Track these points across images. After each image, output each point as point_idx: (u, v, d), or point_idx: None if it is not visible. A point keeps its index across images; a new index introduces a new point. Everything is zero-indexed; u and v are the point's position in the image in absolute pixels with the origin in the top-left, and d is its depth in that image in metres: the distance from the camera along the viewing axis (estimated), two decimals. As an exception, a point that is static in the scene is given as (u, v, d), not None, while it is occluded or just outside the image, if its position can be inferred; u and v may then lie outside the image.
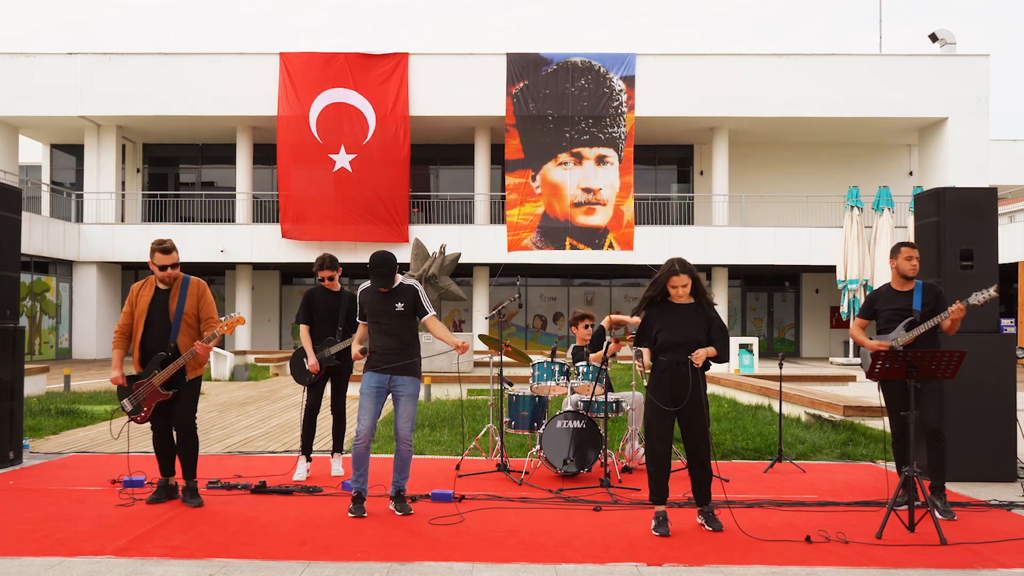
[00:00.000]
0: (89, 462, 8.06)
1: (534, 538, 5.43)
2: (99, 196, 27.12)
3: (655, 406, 5.62)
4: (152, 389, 6.20)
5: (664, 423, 5.61)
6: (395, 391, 6.07)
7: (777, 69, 25.69)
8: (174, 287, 6.31)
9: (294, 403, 13.12)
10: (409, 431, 6.06)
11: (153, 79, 25.75)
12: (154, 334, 6.22)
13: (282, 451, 8.84)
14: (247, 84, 25.66)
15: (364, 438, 5.98)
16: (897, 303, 6.39)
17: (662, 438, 5.61)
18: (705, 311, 5.68)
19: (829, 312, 30.04)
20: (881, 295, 6.53)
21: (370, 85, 25.31)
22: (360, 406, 6.02)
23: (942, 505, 6.04)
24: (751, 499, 6.48)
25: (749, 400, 12.70)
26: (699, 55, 26.11)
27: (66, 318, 26.34)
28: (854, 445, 8.95)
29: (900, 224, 25.34)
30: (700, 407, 5.59)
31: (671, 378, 5.59)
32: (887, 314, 6.43)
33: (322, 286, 7.43)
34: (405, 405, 6.06)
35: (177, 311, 6.24)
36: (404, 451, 6.09)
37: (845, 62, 25.81)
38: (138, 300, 6.29)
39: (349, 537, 5.44)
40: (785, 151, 29.64)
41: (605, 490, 6.70)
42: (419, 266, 16.77)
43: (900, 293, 6.42)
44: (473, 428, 9.89)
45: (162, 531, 5.54)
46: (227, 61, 25.97)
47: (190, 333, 6.27)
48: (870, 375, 5.91)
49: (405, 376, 6.06)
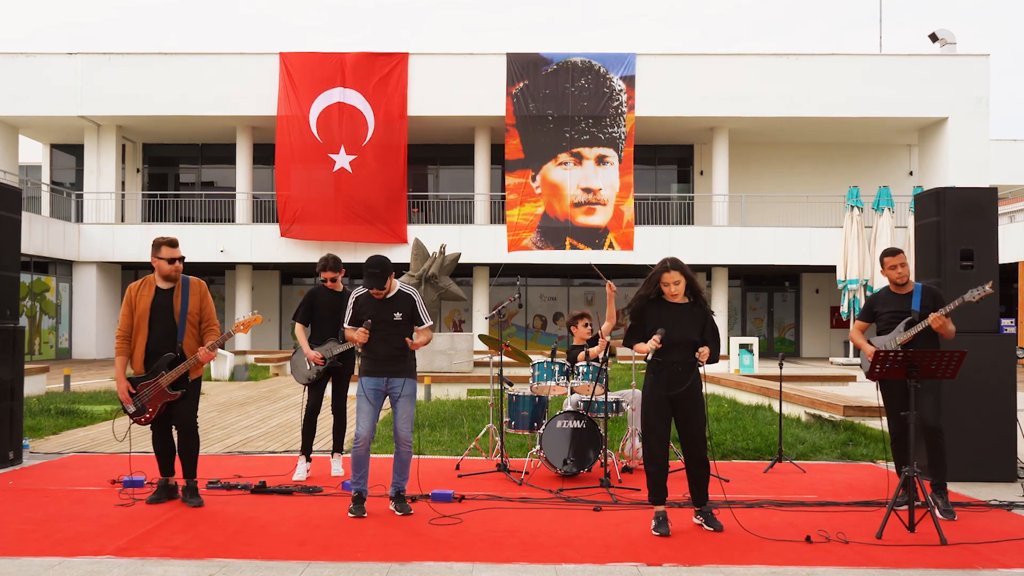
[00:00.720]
0: (89, 462, 8.06)
1: (534, 538, 5.43)
2: (99, 196, 27.13)
3: (652, 406, 5.61)
4: (159, 389, 6.16)
5: (662, 422, 5.61)
6: (392, 393, 6.07)
7: (777, 69, 25.69)
8: (176, 287, 6.26)
9: (294, 403, 13.12)
10: (409, 432, 6.07)
11: (153, 79, 25.75)
12: (158, 335, 6.16)
13: (282, 451, 8.85)
14: (247, 84, 25.66)
15: (364, 441, 5.99)
16: (896, 305, 6.42)
17: (660, 438, 5.61)
18: (702, 309, 5.68)
19: (829, 312, 30.05)
20: (880, 298, 6.55)
21: (370, 85, 25.30)
22: (358, 409, 6.03)
23: (943, 504, 6.04)
24: (751, 499, 6.48)
25: (749, 400, 12.70)
26: (699, 55, 26.12)
27: (66, 318, 26.35)
28: (854, 445, 8.95)
29: (900, 224, 25.34)
30: (697, 403, 5.60)
31: (668, 378, 5.59)
32: (886, 316, 6.45)
33: (325, 286, 7.43)
34: (404, 406, 6.06)
35: (182, 311, 6.20)
36: (404, 452, 6.10)
37: (845, 62, 25.81)
38: (138, 301, 6.20)
39: (349, 537, 5.44)
40: (785, 151, 29.64)
41: (605, 490, 6.70)
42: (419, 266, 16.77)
43: (899, 296, 6.44)
44: (473, 428, 9.89)
45: (162, 531, 5.54)
46: (227, 61, 25.97)
47: (193, 333, 6.24)
48: (870, 375, 5.92)
49: (402, 378, 6.08)
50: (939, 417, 6.18)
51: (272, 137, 26.45)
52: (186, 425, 6.27)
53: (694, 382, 5.58)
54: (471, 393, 14.04)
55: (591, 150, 25.27)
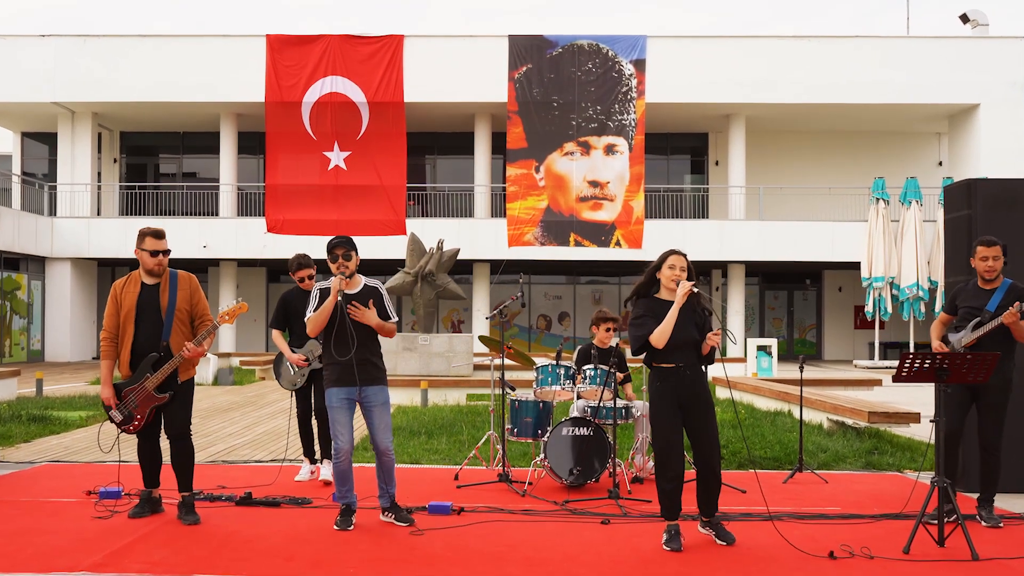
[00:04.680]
0: (63, 472, 8.07)
1: (538, 553, 5.43)
2: (73, 188, 27.14)
3: (662, 415, 5.60)
4: (146, 394, 6.06)
5: (674, 432, 5.60)
6: (365, 402, 6.04)
7: (797, 52, 25.67)
8: (163, 281, 6.18)
9: (281, 409, 13.13)
10: (390, 440, 6.07)
11: (131, 63, 25.75)
12: (145, 333, 6.08)
13: (268, 460, 8.85)
14: (232, 68, 25.66)
15: (346, 454, 5.97)
16: (975, 301, 6.32)
17: (674, 448, 5.60)
18: (704, 307, 5.67)
19: (853, 312, 30.03)
20: (964, 290, 6.47)
21: (362, 70, 25.29)
22: (333, 421, 5.99)
23: (987, 515, 6.11)
24: (769, 511, 6.47)
25: (767, 406, 12.69)
26: (714, 37, 26.12)
27: (38, 318, 26.37)
28: (880, 454, 8.95)
29: (929, 218, 25.32)
30: (709, 408, 5.61)
31: (676, 382, 5.58)
32: (963, 312, 6.38)
33: (299, 288, 7.50)
34: (380, 415, 6.05)
35: (169, 307, 6.12)
36: (387, 462, 6.08)
37: (870, 45, 25.78)
38: (123, 299, 6.11)
39: (340, 552, 5.44)
40: (806, 140, 29.62)
41: (614, 502, 6.69)
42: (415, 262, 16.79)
43: (982, 291, 6.33)
44: (473, 436, 9.89)
45: (141, 545, 5.54)
46: (210, 44, 25.98)
47: (183, 330, 6.16)
48: (896, 377, 5.88)
49: (374, 386, 6.05)
50: (1000, 438, 6.19)
51: (259, 125, 26.44)
52: (179, 432, 6.17)
53: (703, 387, 5.59)
54: (471, 398, 14.04)
55: (599, 139, 25.24)
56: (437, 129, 28.85)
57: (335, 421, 5.98)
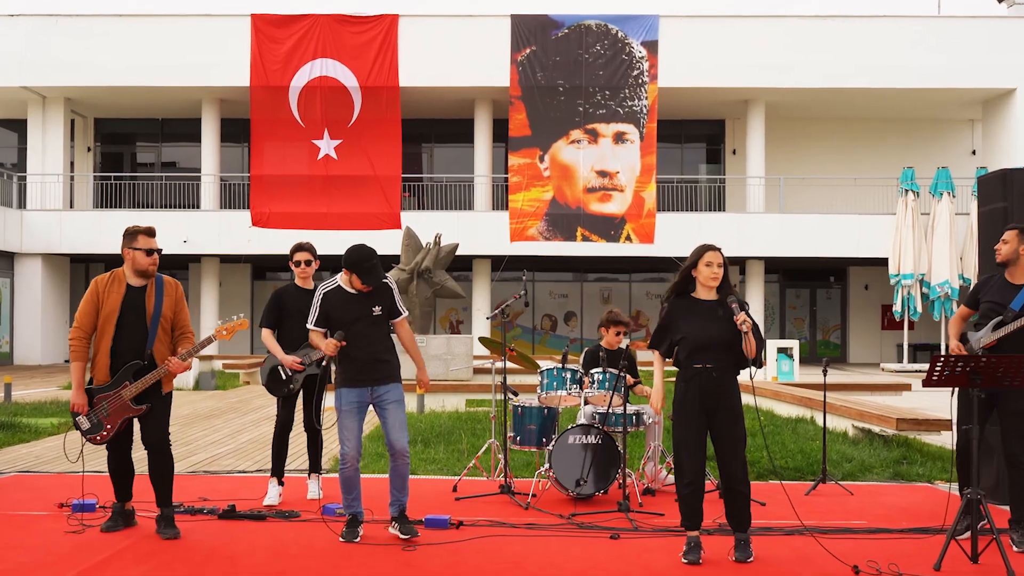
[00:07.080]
0: (34, 483, 8.08)
1: (542, 570, 5.43)
2: (44, 179, 27.16)
3: (685, 419, 5.61)
4: (121, 403, 6.01)
5: (697, 438, 5.60)
6: (379, 401, 6.09)
7: (820, 33, 25.62)
8: (150, 285, 6.15)
9: (267, 415, 13.14)
10: (406, 440, 6.10)
11: (107, 44, 25.73)
12: (127, 339, 6.03)
13: (253, 470, 8.86)
14: (214, 50, 25.64)
15: (352, 460, 6.00)
16: (998, 296, 6.17)
17: (694, 455, 5.60)
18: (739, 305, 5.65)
19: (880, 311, 30.00)
20: (989, 283, 6.34)
21: (354, 52, 25.24)
22: (341, 426, 6.02)
23: (1018, 538, 6.02)
24: (791, 525, 6.46)
25: (788, 412, 12.69)
26: (732, 17, 26.09)
27: (6, 318, 26.39)
28: (909, 464, 8.94)
29: (962, 210, 25.28)
30: (736, 417, 5.59)
31: (700, 386, 5.57)
32: (985, 307, 6.25)
33: (293, 284, 7.39)
34: (395, 413, 6.08)
35: (154, 314, 6.09)
36: (402, 465, 6.10)
37: (898, 25, 25.74)
38: (107, 298, 6.05)
39: (331, 569, 5.44)
40: (830, 127, 29.58)
41: (624, 515, 6.69)
42: (411, 258, 16.79)
43: (1009, 285, 6.18)
44: (473, 444, 9.90)
45: (116, 562, 5.55)
46: (191, 24, 25.98)
47: (165, 339, 6.14)
48: (926, 382, 5.82)
49: (388, 383, 6.10)
50: None
51: (243, 111, 26.39)
52: (157, 444, 6.15)
53: (730, 394, 5.56)
54: (470, 404, 14.05)
55: (608, 126, 25.19)
56: (434, 115, 28.83)
57: (343, 426, 6.02)
